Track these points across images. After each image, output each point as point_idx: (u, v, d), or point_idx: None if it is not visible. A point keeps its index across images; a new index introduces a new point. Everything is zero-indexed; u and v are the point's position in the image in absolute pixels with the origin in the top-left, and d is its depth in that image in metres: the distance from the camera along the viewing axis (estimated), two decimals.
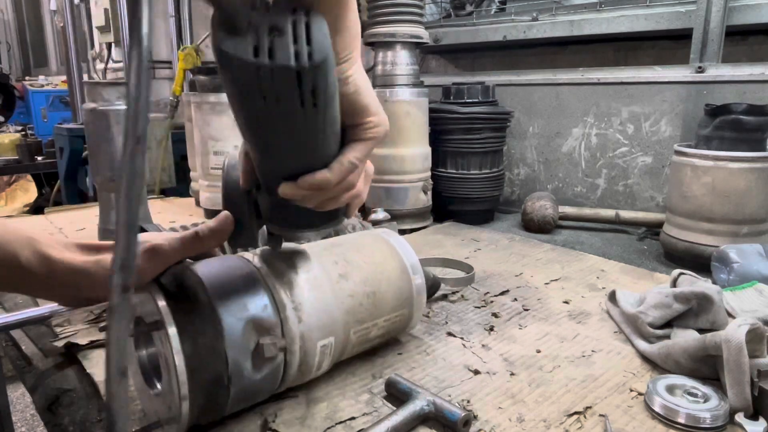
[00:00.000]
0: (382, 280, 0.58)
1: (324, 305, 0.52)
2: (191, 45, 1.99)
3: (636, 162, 1.26)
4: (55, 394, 0.57)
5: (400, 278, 0.60)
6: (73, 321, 0.73)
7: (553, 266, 0.96)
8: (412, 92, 1.19)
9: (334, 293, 0.54)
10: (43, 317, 0.66)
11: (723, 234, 0.90)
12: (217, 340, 0.45)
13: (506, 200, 1.48)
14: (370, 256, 0.59)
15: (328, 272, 0.55)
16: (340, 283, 0.55)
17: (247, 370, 0.46)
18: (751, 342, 0.51)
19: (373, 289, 0.57)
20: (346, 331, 0.55)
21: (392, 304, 0.59)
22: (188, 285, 0.47)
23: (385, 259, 0.60)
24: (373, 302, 0.57)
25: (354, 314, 0.55)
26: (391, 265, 0.60)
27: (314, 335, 0.51)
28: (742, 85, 1.10)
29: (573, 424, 0.51)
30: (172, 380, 0.42)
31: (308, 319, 0.51)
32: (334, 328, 0.53)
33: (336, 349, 0.54)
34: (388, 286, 0.59)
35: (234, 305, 0.46)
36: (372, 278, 0.57)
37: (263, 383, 0.49)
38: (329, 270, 0.55)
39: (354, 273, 0.56)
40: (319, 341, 0.52)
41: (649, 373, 0.60)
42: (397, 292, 0.59)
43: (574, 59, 1.46)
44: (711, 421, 0.49)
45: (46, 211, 1.45)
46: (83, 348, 0.65)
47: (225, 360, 0.45)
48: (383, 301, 0.58)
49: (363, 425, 0.51)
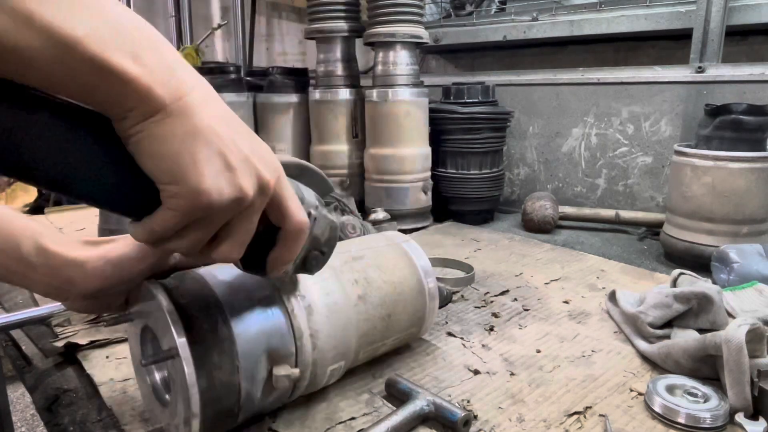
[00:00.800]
0: (398, 302, 0.57)
1: (341, 332, 0.51)
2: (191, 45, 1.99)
3: (636, 162, 1.26)
4: (55, 394, 0.57)
5: (416, 299, 0.59)
6: (73, 321, 0.73)
7: (553, 266, 0.96)
8: (412, 92, 1.19)
9: (350, 318, 0.52)
10: (43, 317, 0.66)
11: (723, 234, 0.90)
12: (233, 374, 0.43)
13: (506, 200, 1.48)
14: (390, 274, 0.58)
15: (347, 294, 0.53)
16: (357, 306, 0.54)
17: (257, 398, 0.46)
18: (751, 342, 0.51)
19: (389, 312, 0.56)
20: (357, 352, 0.55)
21: (404, 325, 0.59)
22: (206, 306, 0.44)
23: (405, 278, 0.59)
24: (387, 325, 0.56)
25: (367, 336, 0.55)
26: (409, 285, 0.59)
27: (326, 361, 0.51)
28: (742, 85, 1.10)
29: (573, 424, 0.51)
30: (183, 407, 0.41)
31: (323, 345, 0.50)
32: (347, 352, 0.53)
33: (344, 369, 0.55)
34: (404, 308, 0.58)
35: (254, 338, 0.45)
36: (389, 301, 0.56)
37: (269, 406, 0.49)
38: (349, 292, 0.53)
39: (373, 294, 0.55)
40: (330, 366, 0.52)
41: (649, 373, 0.60)
42: (411, 313, 0.59)
43: (574, 59, 1.46)
44: (711, 421, 0.49)
45: (46, 211, 1.45)
46: (83, 348, 0.65)
47: (238, 393, 0.44)
48: (397, 323, 0.58)
49: (363, 425, 0.51)
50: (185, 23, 2.47)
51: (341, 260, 0.56)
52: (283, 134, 1.34)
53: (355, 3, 1.29)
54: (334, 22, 1.26)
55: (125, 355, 0.64)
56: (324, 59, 1.30)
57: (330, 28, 1.26)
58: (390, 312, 0.56)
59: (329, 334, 0.50)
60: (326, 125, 1.28)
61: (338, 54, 1.28)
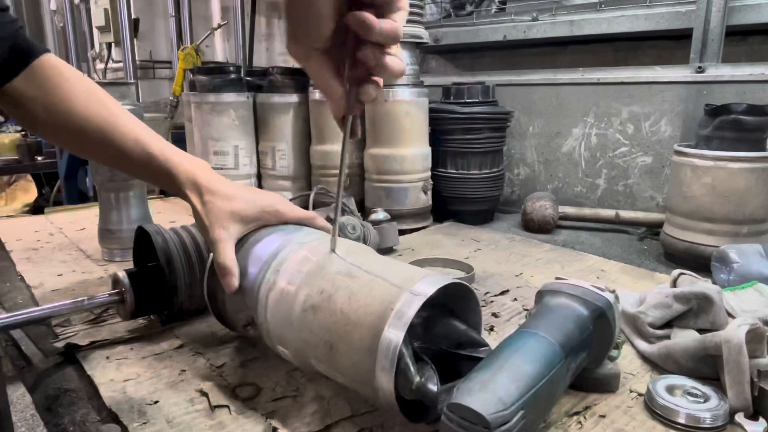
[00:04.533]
0: (342, 341, 0.48)
1: (281, 321, 0.53)
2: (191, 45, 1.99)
3: (636, 162, 1.26)
4: (55, 394, 0.57)
5: (363, 357, 0.46)
6: (73, 321, 0.73)
7: (553, 266, 0.96)
8: (412, 92, 1.19)
9: (291, 318, 0.52)
10: (43, 317, 0.66)
11: (723, 234, 0.90)
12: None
13: (506, 200, 1.48)
14: (353, 309, 0.48)
15: (303, 297, 0.51)
16: (305, 313, 0.51)
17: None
18: (751, 342, 0.51)
19: (332, 341, 0.49)
20: (303, 355, 0.52)
21: (349, 373, 0.49)
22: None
23: (361, 324, 0.47)
24: (330, 356, 0.49)
25: (313, 350, 0.51)
26: (360, 335, 0.47)
27: (273, 334, 0.55)
28: (742, 85, 1.09)
29: (573, 424, 0.51)
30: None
31: (270, 320, 0.54)
32: (286, 344, 0.53)
33: (292, 359, 0.55)
34: (346, 352, 0.48)
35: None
36: (336, 330, 0.49)
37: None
38: (308, 294, 0.51)
39: (324, 314, 0.50)
40: (277, 345, 0.55)
41: (649, 373, 0.60)
42: (354, 367, 0.48)
43: (574, 59, 1.46)
44: (711, 421, 0.49)
45: (46, 211, 1.45)
46: (83, 348, 0.65)
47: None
48: (341, 362, 0.49)
49: (363, 424, 0.51)
50: (185, 23, 2.47)
51: (334, 266, 0.53)
52: (283, 134, 1.34)
53: None
54: None
55: (125, 355, 0.64)
56: None
57: None
58: (333, 342, 0.49)
59: (273, 315, 0.54)
60: (326, 125, 1.28)
61: None
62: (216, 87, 1.30)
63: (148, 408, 0.54)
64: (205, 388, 0.57)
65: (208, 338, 0.69)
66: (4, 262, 1.01)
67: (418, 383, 0.45)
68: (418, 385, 0.45)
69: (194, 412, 0.53)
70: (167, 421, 0.52)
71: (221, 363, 0.63)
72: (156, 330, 0.71)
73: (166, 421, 0.52)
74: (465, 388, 0.42)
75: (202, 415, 0.53)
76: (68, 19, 3.15)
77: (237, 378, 0.59)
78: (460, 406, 0.40)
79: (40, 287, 0.87)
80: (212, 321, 0.73)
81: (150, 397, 0.55)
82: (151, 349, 0.66)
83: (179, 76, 1.90)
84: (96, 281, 0.90)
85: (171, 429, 0.51)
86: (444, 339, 0.51)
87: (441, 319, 0.51)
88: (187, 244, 0.71)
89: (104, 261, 1.00)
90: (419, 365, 0.46)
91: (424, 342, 0.50)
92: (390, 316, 0.45)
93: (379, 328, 0.45)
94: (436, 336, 0.51)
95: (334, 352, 0.49)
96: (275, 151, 1.35)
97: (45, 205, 2.72)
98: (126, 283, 0.67)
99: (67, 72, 0.64)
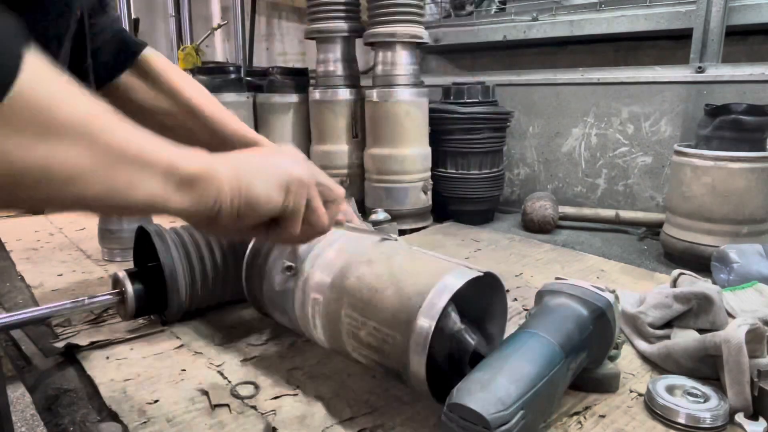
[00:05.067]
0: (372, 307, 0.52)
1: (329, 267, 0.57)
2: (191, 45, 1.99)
3: (636, 162, 1.26)
4: (55, 394, 0.57)
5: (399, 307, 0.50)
6: (73, 321, 0.73)
7: (553, 266, 0.96)
8: (412, 92, 1.19)
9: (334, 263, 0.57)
10: (43, 317, 0.66)
11: (723, 234, 0.90)
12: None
13: (506, 200, 1.48)
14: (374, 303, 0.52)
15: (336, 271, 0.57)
16: (330, 289, 0.56)
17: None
18: (751, 342, 0.51)
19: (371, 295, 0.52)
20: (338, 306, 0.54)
21: (385, 316, 0.51)
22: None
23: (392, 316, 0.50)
24: (368, 300, 0.52)
25: (349, 294, 0.54)
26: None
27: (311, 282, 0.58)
28: (742, 85, 1.09)
29: (573, 424, 0.51)
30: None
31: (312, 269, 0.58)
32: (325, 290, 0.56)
33: (324, 306, 0.56)
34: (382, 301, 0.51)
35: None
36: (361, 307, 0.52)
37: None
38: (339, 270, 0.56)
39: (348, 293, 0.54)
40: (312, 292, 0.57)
41: (649, 373, 0.60)
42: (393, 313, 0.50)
43: (574, 59, 1.46)
44: (711, 421, 0.49)
45: (46, 211, 1.45)
46: (83, 348, 0.65)
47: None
48: (378, 307, 0.52)
49: (363, 425, 0.51)
50: (185, 23, 2.47)
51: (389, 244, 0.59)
52: (283, 134, 1.34)
53: (355, 3, 1.29)
54: (334, 22, 1.26)
55: (125, 356, 0.64)
56: (324, 59, 1.30)
57: (330, 28, 1.26)
58: (379, 288, 0.52)
59: (321, 261, 0.58)
60: (326, 125, 1.28)
61: (338, 54, 1.28)
62: (216, 87, 1.30)
63: (148, 407, 0.54)
64: (205, 387, 0.57)
65: (208, 338, 0.69)
66: (4, 262, 1.00)
67: (459, 327, 0.50)
68: (459, 329, 0.50)
69: (194, 412, 0.53)
70: (167, 420, 0.52)
71: (221, 362, 0.63)
72: (156, 330, 0.71)
73: (166, 420, 0.52)
74: (465, 388, 0.42)
75: (202, 414, 0.53)
76: None
77: (237, 377, 0.59)
78: (460, 407, 0.40)
79: (40, 287, 0.87)
80: (212, 321, 0.74)
81: (150, 397, 0.55)
82: (151, 349, 0.66)
83: None
84: (96, 281, 0.90)
85: (171, 428, 0.51)
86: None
87: (468, 323, 0.53)
88: (188, 244, 0.71)
89: (104, 261, 1.00)
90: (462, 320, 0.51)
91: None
92: (449, 273, 0.50)
93: (435, 279, 0.50)
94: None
95: (378, 295, 0.52)
96: None
97: None
98: (126, 283, 0.67)
99: (163, 64, 0.69)
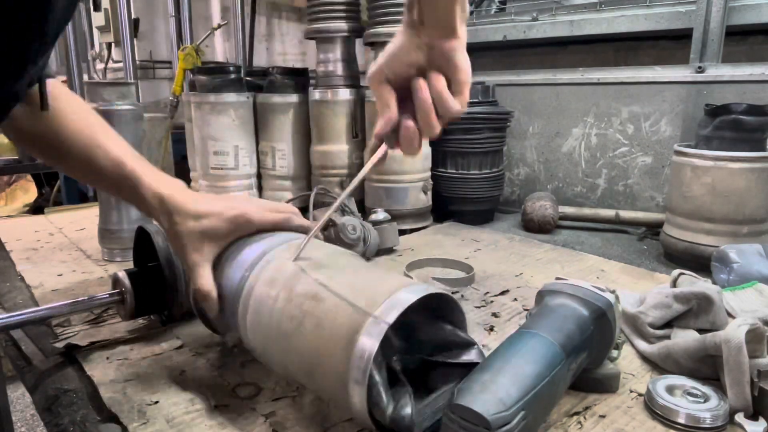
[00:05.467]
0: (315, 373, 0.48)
1: (261, 338, 0.52)
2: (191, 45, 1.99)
3: (636, 162, 1.26)
4: (55, 394, 0.57)
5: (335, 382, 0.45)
6: (73, 321, 0.73)
7: (553, 266, 0.96)
8: None
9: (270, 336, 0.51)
10: (43, 317, 0.66)
11: (723, 234, 0.90)
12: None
13: (506, 200, 1.48)
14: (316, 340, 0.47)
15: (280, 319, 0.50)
16: (279, 338, 0.50)
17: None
18: (751, 342, 0.51)
19: (310, 371, 0.48)
20: (284, 367, 0.52)
21: (331, 398, 0.50)
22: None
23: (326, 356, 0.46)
24: (309, 381, 0.50)
25: (299, 366, 0.50)
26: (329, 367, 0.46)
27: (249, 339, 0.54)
28: (742, 85, 1.09)
29: (573, 424, 0.51)
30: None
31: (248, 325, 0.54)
32: (267, 357, 0.53)
33: (271, 365, 0.55)
34: (322, 382, 0.48)
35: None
36: (310, 363, 0.48)
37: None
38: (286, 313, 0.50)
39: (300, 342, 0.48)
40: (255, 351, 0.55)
41: (649, 373, 0.60)
42: (334, 394, 0.47)
43: (574, 59, 1.46)
44: (711, 421, 0.49)
45: (46, 211, 1.45)
46: (83, 348, 0.65)
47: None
48: (321, 388, 0.49)
49: (362, 425, 0.51)
50: (185, 23, 2.47)
51: (301, 285, 0.50)
52: (283, 134, 1.33)
53: (355, 3, 1.29)
54: (334, 22, 1.26)
55: (125, 356, 0.64)
56: (324, 59, 1.30)
57: (330, 28, 1.26)
58: (309, 370, 0.48)
59: (255, 339, 0.53)
60: (326, 125, 1.28)
61: (338, 54, 1.28)
62: (216, 87, 1.30)
63: (148, 408, 0.54)
64: (205, 388, 0.57)
65: (208, 338, 0.69)
66: (4, 262, 1.01)
67: (391, 415, 0.44)
68: (391, 416, 0.44)
69: (194, 412, 0.53)
70: (167, 421, 0.52)
71: (221, 363, 0.63)
72: (156, 330, 0.71)
73: (166, 421, 0.52)
74: (466, 389, 0.42)
75: (202, 415, 0.53)
76: None
77: (237, 378, 0.59)
78: (461, 407, 0.40)
79: (40, 287, 0.87)
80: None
81: (150, 397, 0.55)
82: (151, 349, 0.66)
83: (179, 76, 1.90)
84: (96, 281, 0.90)
85: (171, 429, 0.51)
86: (430, 342, 0.50)
87: (426, 322, 0.50)
88: None
89: (104, 261, 1.00)
90: (394, 390, 0.45)
91: (406, 352, 0.49)
92: (353, 353, 0.43)
93: (347, 361, 0.43)
94: (423, 341, 0.50)
95: (313, 377, 0.48)
96: (275, 151, 1.35)
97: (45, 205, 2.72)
98: (126, 283, 0.67)
99: (56, 90, 0.61)
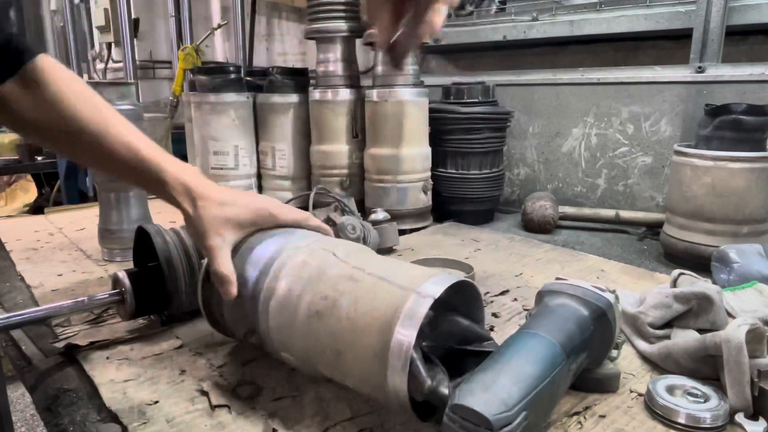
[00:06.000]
0: (349, 348, 0.48)
1: (286, 329, 0.52)
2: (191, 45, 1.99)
3: (636, 162, 1.26)
4: (55, 394, 0.57)
5: (371, 363, 0.46)
6: (73, 321, 0.73)
7: (553, 266, 0.96)
8: (412, 92, 1.19)
9: (295, 323, 0.52)
10: (43, 317, 0.66)
11: (723, 234, 0.90)
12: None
13: (506, 200, 1.48)
14: (358, 315, 0.48)
15: (307, 304, 0.51)
16: (310, 319, 0.50)
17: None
18: (751, 342, 0.51)
19: (340, 349, 0.48)
20: (309, 360, 0.52)
21: (357, 378, 0.49)
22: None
23: (368, 329, 0.47)
24: (338, 362, 0.49)
25: (318, 356, 0.51)
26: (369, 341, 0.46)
27: (274, 341, 0.55)
28: (742, 85, 1.09)
29: (573, 424, 0.51)
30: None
31: (272, 326, 0.54)
32: (291, 349, 0.53)
33: (295, 363, 0.55)
34: (353, 360, 0.48)
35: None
36: (343, 339, 0.48)
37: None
38: (310, 301, 0.51)
39: (331, 320, 0.49)
40: (281, 351, 0.55)
41: (649, 373, 0.60)
42: (363, 372, 0.48)
43: (574, 59, 1.46)
44: (711, 421, 0.49)
45: (46, 211, 1.45)
46: (83, 348, 0.65)
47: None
48: (349, 370, 0.49)
49: (363, 425, 0.51)
50: (185, 23, 2.47)
51: (335, 269, 0.52)
52: (283, 134, 1.34)
53: (355, 3, 1.29)
54: (334, 22, 1.26)
55: (125, 356, 0.64)
56: (324, 59, 1.30)
57: (330, 28, 1.26)
58: (340, 349, 0.48)
59: (276, 323, 0.53)
60: (326, 125, 1.28)
61: (338, 54, 1.28)
62: (216, 87, 1.30)
63: (148, 408, 0.54)
64: (205, 387, 0.57)
65: (208, 338, 0.69)
66: (4, 262, 1.01)
67: (430, 387, 0.45)
68: (431, 389, 0.45)
69: (194, 412, 0.53)
70: (167, 421, 0.52)
71: (221, 363, 0.63)
72: (156, 330, 0.71)
73: (166, 421, 0.52)
74: (467, 389, 0.41)
75: (202, 415, 0.53)
76: (68, 19, 3.15)
77: (237, 378, 0.59)
78: (462, 408, 0.40)
79: (40, 287, 0.87)
80: None
81: (150, 397, 0.55)
82: (151, 349, 0.66)
83: (179, 76, 1.90)
84: (96, 281, 0.90)
85: (171, 429, 0.51)
86: (449, 336, 0.51)
87: (445, 316, 0.51)
88: (188, 244, 0.71)
89: (104, 261, 1.00)
90: (429, 367, 0.46)
91: (431, 341, 0.50)
92: (399, 319, 0.44)
93: (388, 333, 0.44)
94: (442, 333, 0.51)
95: (342, 358, 0.48)
96: (275, 151, 1.35)
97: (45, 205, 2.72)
98: (126, 283, 0.67)
99: (59, 73, 0.61)
